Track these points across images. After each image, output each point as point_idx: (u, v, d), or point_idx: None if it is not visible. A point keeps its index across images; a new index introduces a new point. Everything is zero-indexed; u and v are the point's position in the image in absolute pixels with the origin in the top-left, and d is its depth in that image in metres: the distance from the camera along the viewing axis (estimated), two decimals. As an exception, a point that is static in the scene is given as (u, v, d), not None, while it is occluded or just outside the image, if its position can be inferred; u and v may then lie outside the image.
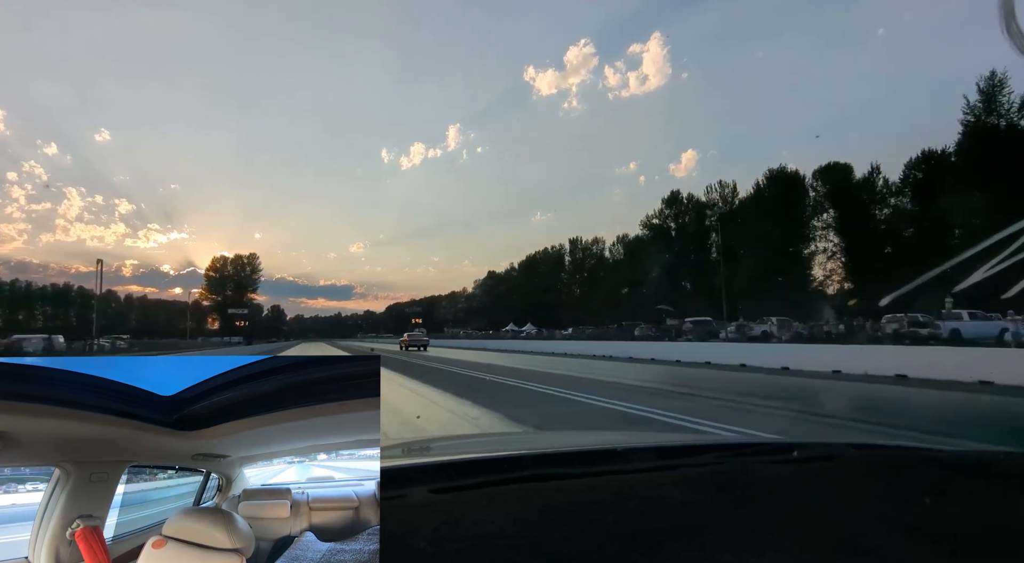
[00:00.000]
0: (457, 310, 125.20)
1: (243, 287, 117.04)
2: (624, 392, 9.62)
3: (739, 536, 0.61)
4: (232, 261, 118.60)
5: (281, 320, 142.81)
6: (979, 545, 0.61)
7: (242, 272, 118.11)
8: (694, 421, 6.26)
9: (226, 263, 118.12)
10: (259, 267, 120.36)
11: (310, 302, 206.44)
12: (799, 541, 0.60)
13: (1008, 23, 0.70)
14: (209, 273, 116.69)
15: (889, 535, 0.61)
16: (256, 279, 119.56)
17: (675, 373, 14.54)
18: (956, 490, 0.80)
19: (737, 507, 0.70)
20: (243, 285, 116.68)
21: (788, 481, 0.83)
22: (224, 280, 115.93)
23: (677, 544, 0.59)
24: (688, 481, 0.81)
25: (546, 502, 0.69)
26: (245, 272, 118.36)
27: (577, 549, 0.57)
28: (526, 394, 9.74)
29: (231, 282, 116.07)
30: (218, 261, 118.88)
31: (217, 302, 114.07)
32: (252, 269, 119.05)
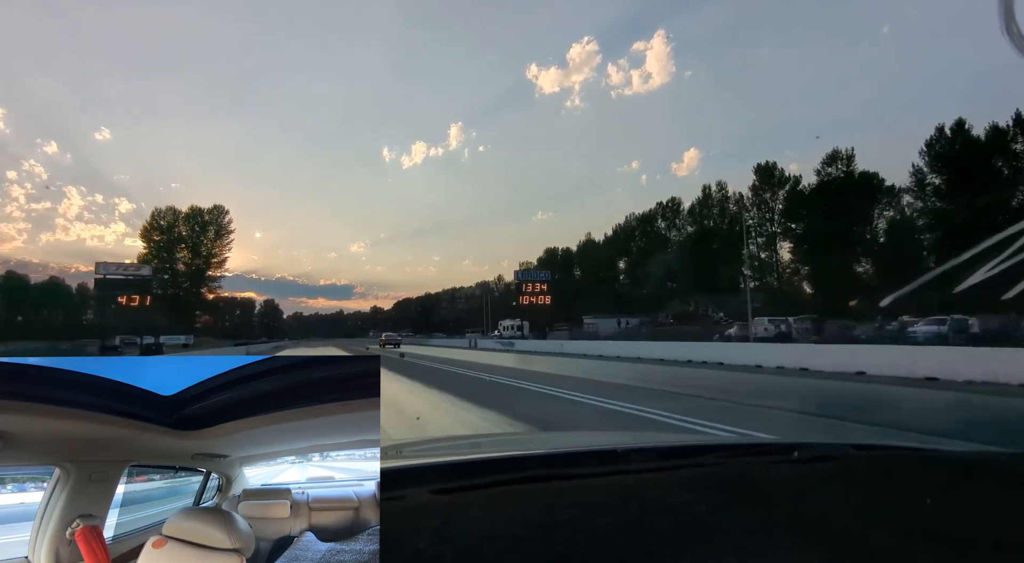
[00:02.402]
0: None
1: (203, 259, 78.25)
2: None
3: (740, 537, 0.61)
4: (185, 217, 77.82)
5: (276, 318, 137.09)
6: (979, 545, 0.61)
7: (202, 234, 78.04)
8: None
9: (175, 219, 77.51)
10: (228, 227, 79.86)
11: (310, 301, 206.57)
12: (800, 541, 0.60)
13: (1008, 24, 0.70)
14: (151, 236, 76.27)
15: (890, 535, 0.61)
16: (223, 249, 79.63)
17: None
18: (956, 490, 0.79)
19: (738, 508, 0.70)
20: (202, 255, 78.33)
21: (789, 481, 0.83)
22: (171, 244, 76.99)
23: (678, 545, 0.59)
24: (689, 482, 0.81)
25: (547, 503, 0.69)
26: (207, 237, 78.21)
27: (578, 550, 0.57)
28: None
29: (186, 247, 77.94)
30: (161, 215, 77.46)
31: (164, 282, 74.84)
32: (218, 231, 78.71)
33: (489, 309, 70.89)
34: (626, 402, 8.19)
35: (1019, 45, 0.70)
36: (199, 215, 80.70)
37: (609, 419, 6.91)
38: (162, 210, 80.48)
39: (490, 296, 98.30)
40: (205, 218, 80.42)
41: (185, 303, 77.30)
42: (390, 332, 60.95)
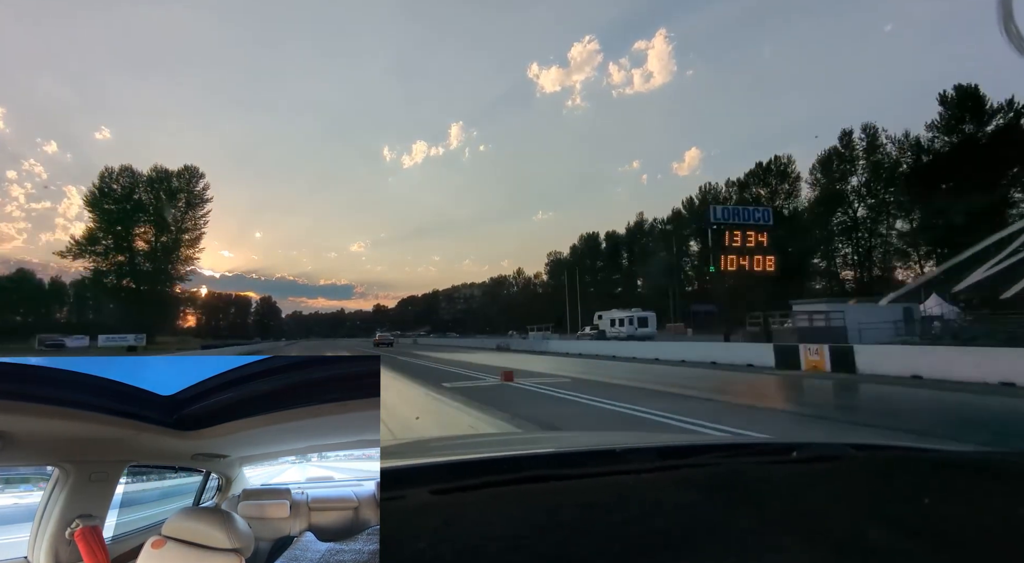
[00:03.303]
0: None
1: (171, 237, 58.71)
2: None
3: (739, 537, 0.61)
4: (148, 181, 58.72)
5: (273, 317, 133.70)
6: (979, 545, 0.61)
7: (169, 201, 58.83)
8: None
9: (135, 181, 58.46)
10: (204, 195, 60.71)
11: (310, 301, 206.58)
12: (799, 541, 0.60)
13: (1007, 24, 0.70)
14: (101, 204, 56.74)
15: (889, 535, 0.61)
16: (198, 225, 60.49)
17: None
18: (956, 490, 0.80)
19: (737, 508, 0.70)
20: (171, 231, 58.71)
21: (787, 481, 0.83)
22: (127, 215, 56.76)
23: (678, 545, 0.59)
24: (688, 482, 0.81)
25: (547, 503, 0.69)
26: (176, 205, 59.26)
27: (577, 550, 0.57)
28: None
29: (143, 217, 57.65)
30: (113, 177, 58.30)
31: (120, 267, 56.49)
32: (189, 200, 59.75)
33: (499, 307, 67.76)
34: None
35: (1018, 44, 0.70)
36: (165, 179, 59.05)
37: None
38: (114, 170, 57.99)
39: (509, 291, 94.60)
40: (173, 183, 59.33)
41: (149, 295, 57.59)
42: (384, 332, 59.41)
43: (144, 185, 59.18)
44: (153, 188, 59.40)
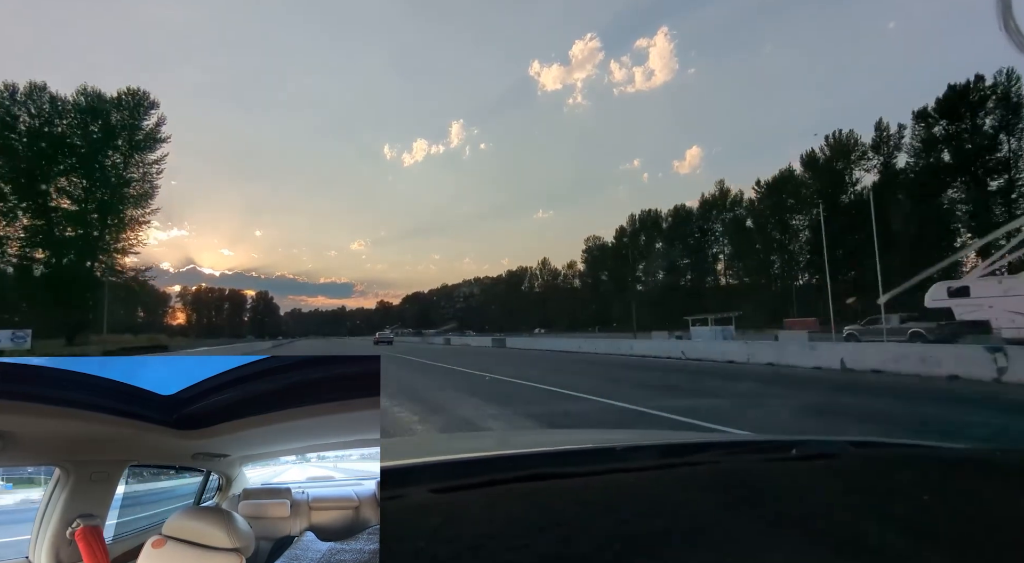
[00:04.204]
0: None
1: (108, 191, 38.96)
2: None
3: (739, 535, 0.62)
4: (73, 109, 38.70)
5: (271, 314, 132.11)
6: (979, 544, 0.61)
7: (105, 146, 39.14)
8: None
9: (52, 111, 38.16)
10: (156, 135, 41.02)
11: (310, 300, 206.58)
12: (799, 540, 0.60)
13: (1006, 20, 0.70)
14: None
15: (889, 534, 0.61)
16: (146, 178, 41.00)
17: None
18: (956, 489, 0.80)
19: (737, 506, 0.70)
20: (98, 183, 38.74)
21: (787, 479, 0.83)
22: (41, 156, 36.91)
23: (678, 543, 0.59)
24: (688, 480, 0.81)
25: (546, 501, 0.69)
26: (115, 151, 39.66)
27: (577, 549, 0.57)
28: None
29: (66, 161, 38.08)
30: (14, 95, 36.45)
31: (34, 235, 37.15)
32: (132, 141, 40.56)
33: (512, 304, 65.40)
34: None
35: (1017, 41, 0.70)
36: (100, 109, 39.25)
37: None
38: (16, 87, 37.20)
39: (532, 285, 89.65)
40: (110, 116, 39.50)
41: (72, 274, 38.44)
42: (385, 331, 62.44)
43: (66, 115, 38.83)
44: (77, 118, 38.98)
